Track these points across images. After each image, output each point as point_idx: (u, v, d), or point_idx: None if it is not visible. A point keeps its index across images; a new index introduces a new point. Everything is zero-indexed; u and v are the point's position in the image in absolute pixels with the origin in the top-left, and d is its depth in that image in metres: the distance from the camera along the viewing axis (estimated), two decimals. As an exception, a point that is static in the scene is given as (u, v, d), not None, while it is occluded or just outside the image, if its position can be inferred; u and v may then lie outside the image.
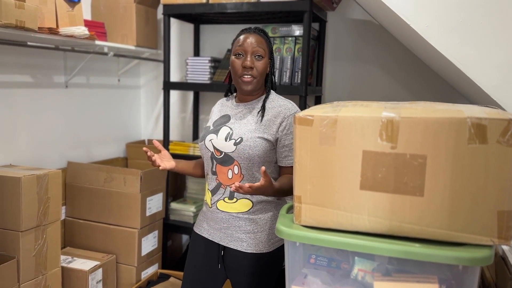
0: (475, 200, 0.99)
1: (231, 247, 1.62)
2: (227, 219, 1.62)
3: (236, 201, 1.59)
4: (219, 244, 1.66)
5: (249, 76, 1.57)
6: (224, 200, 1.61)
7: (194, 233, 1.76)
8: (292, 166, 1.32)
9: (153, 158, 1.63)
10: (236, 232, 1.61)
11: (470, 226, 1.00)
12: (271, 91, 1.68)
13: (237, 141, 1.55)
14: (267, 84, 1.67)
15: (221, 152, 1.58)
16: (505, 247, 1.36)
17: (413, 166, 1.02)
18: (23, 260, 1.92)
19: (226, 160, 1.57)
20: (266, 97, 1.62)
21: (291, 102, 1.65)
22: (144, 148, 1.64)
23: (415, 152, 1.01)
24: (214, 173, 1.62)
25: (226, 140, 1.57)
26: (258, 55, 1.57)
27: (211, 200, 1.65)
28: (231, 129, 1.59)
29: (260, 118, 1.58)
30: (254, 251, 1.60)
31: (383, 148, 1.04)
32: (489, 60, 1.45)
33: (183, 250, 3.23)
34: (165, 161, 1.69)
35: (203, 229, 1.70)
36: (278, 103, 1.61)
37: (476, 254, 0.97)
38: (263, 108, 1.59)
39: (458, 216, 1.00)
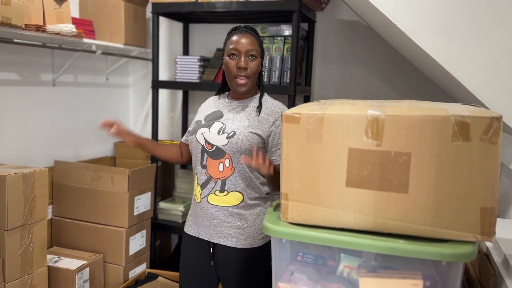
0: (458, 197, 1.00)
1: (221, 243, 1.64)
2: (216, 215, 1.63)
3: (227, 194, 1.61)
4: (209, 242, 1.67)
5: (243, 78, 1.60)
6: (215, 194, 1.62)
7: (184, 233, 1.77)
8: None
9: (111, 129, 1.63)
10: (226, 228, 1.63)
11: (453, 223, 1.01)
12: (259, 90, 1.73)
13: (230, 135, 1.58)
14: (260, 82, 1.71)
15: (212, 146, 1.60)
16: (489, 244, 1.38)
17: (397, 163, 1.03)
18: (9, 259, 1.90)
19: (218, 153, 1.60)
20: (262, 95, 1.68)
21: (281, 103, 1.71)
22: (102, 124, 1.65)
23: (399, 149, 1.02)
24: (204, 166, 1.64)
25: (218, 134, 1.60)
26: (252, 55, 1.59)
27: (200, 194, 1.66)
28: (224, 124, 1.62)
29: (257, 113, 1.62)
30: (244, 246, 1.62)
31: (369, 145, 1.05)
32: (474, 60, 1.48)
33: (171, 250, 3.22)
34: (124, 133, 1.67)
35: (193, 228, 1.72)
36: (271, 103, 1.67)
37: (459, 250, 0.99)
38: (260, 105, 1.63)
39: (442, 212, 1.01)
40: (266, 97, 1.70)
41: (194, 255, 1.72)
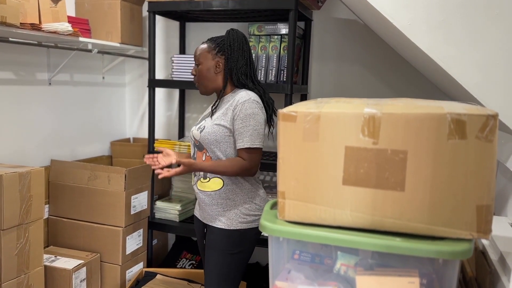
0: (455, 195, 1.01)
1: (209, 224, 1.88)
2: (204, 199, 1.86)
3: (209, 180, 1.84)
4: (204, 223, 1.93)
5: (196, 82, 1.89)
6: (200, 180, 1.87)
7: (194, 215, 2.04)
8: (242, 149, 1.74)
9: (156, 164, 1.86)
10: (211, 210, 1.85)
11: (450, 221, 1.02)
12: (241, 88, 1.83)
13: (202, 130, 1.83)
14: (235, 79, 1.82)
15: (197, 140, 1.86)
16: (485, 242, 1.38)
17: (394, 161, 1.03)
18: (5, 259, 1.89)
19: (200, 146, 1.86)
20: (222, 93, 1.85)
21: (251, 93, 1.79)
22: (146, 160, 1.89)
23: (396, 147, 1.02)
24: (194, 158, 1.90)
25: (197, 130, 1.85)
26: (197, 64, 1.87)
27: (193, 181, 1.93)
28: (205, 120, 1.87)
29: (216, 109, 1.84)
30: (223, 227, 1.82)
31: (365, 143, 1.05)
32: (470, 59, 1.48)
33: (168, 249, 3.22)
34: (165, 159, 1.87)
35: (197, 210, 1.99)
36: (237, 95, 1.80)
37: (455, 248, 0.99)
38: (215, 103, 1.86)
39: (438, 210, 1.02)
40: (238, 91, 1.83)
41: (199, 234, 2.00)
